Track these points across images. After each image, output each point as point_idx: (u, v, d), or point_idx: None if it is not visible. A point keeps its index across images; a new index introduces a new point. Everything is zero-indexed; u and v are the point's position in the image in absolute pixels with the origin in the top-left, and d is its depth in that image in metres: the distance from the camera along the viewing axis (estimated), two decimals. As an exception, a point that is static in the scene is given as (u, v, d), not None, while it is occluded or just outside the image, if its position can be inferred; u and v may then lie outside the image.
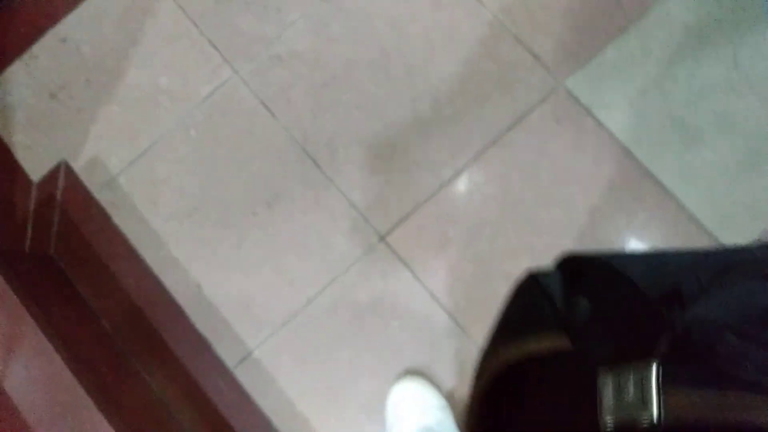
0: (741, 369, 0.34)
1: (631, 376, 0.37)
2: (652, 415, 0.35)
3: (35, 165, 1.34)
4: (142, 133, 1.34)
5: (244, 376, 1.26)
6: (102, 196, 1.33)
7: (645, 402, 0.35)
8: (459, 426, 1.14)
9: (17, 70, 1.37)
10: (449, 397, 1.18)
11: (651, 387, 0.35)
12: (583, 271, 0.58)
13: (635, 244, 1.20)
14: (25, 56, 1.37)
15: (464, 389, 1.20)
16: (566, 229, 1.22)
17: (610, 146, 1.23)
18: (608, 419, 0.37)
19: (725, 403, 0.33)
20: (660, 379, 0.35)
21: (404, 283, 1.24)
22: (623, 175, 1.22)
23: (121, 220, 1.32)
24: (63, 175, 1.33)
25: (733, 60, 1.24)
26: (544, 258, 1.21)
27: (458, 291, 1.23)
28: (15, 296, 1.02)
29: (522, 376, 0.50)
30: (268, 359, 1.25)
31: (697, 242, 1.18)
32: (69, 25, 1.39)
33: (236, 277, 1.29)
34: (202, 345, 1.27)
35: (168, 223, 1.31)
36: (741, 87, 1.23)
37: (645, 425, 0.35)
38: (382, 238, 1.25)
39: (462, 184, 1.25)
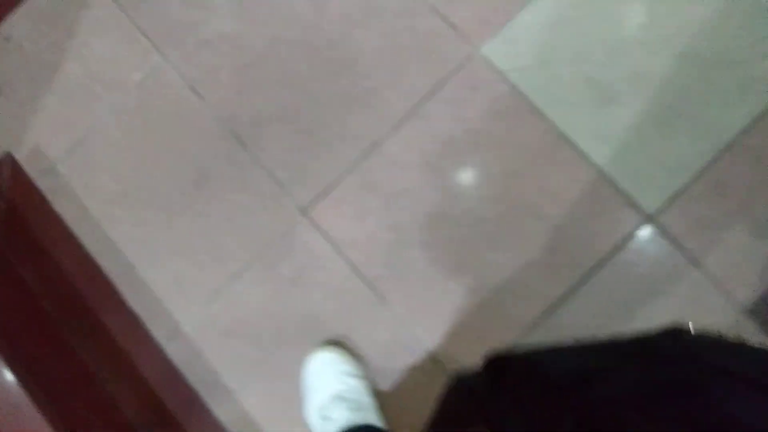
0: None
1: None
2: None
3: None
4: (78, 121, 1.39)
5: (173, 351, 1.29)
6: (42, 184, 1.38)
7: None
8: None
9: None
10: (367, 365, 1.19)
11: None
12: (504, 368, 0.63)
13: (549, 207, 1.19)
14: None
15: (380, 357, 1.21)
16: (483, 194, 1.22)
17: (526, 110, 1.24)
18: None
19: None
20: None
21: (325, 256, 1.26)
22: (538, 138, 1.22)
23: (60, 205, 1.37)
24: (7, 165, 1.39)
25: (647, 17, 1.22)
26: (461, 224, 1.22)
27: (377, 261, 1.24)
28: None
29: None
30: (196, 334, 1.29)
31: (611, 201, 1.21)
32: (11, 24, 1.45)
33: (167, 256, 1.32)
34: (134, 322, 1.31)
35: (104, 206, 1.36)
36: (655, 43, 1.21)
37: None
38: (304, 212, 1.28)
39: (381, 156, 1.27)
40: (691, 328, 0.51)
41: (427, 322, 1.20)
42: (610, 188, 1.19)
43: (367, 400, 1.16)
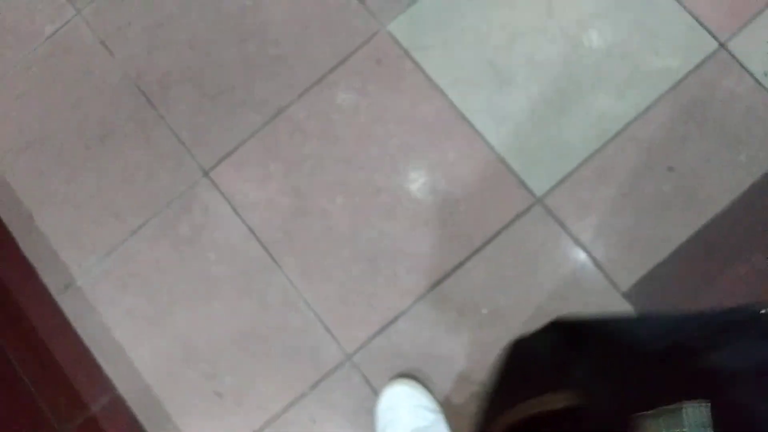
0: None
1: (671, 420, 0.36)
2: None
3: None
4: (-14, 69, 1.38)
5: (66, 304, 1.29)
6: (-56, 129, 1.36)
7: None
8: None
9: None
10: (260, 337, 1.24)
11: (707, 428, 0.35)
12: (574, 333, 0.58)
13: (443, 182, 1.23)
14: None
15: (269, 320, 1.26)
16: (380, 166, 1.25)
17: (426, 87, 1.27)
18: None
19: None
20: (708, 419, 0.35)
21: (224, 217, 1.28)
22: (436, 115, 1.26)
23: (-39, 152, 1.35)
24: None
25: (548, 6, 1.27)
26: (358, 194, 1.25)
27: (275, 225, 1.27)
28: None
29: None
30: (90, 288, 1.29)
31: (503, 180, 1.26)
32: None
33: (67, 209, 1.32)
34: (29, 272, 1.31)
35: (7, 155, 1.36)
36: (553, 32, 1.26)
37: None
38: (206, 173, 1.29)
39: (285, 122, 1.29)
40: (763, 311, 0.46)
41: (319, 288, 1.23)
42: (503, 168, 1.23)
43: None
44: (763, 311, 0.46)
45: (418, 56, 1.27)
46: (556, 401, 0.48)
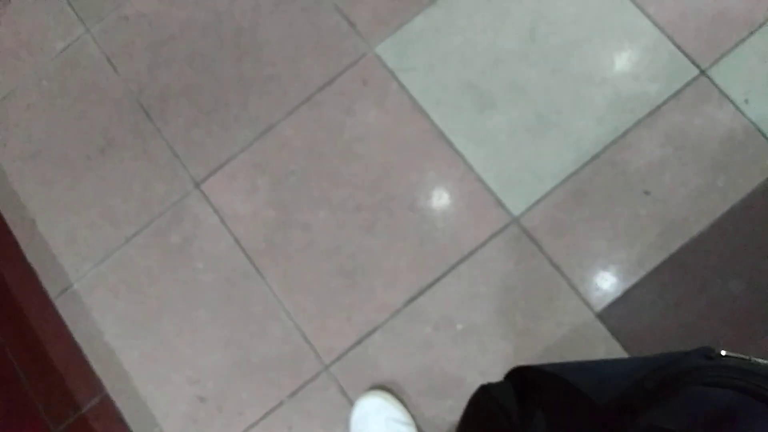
0: None
1: None
2: None
3: None
4: (0, 82, 1.47)
5: (63, 307, 1.37)
6: (-41, 138, 1.46)
7: None
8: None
9: None
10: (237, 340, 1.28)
11: None
12: (533, 383, 0.61)
13: (423, 200, 1.28)
14: None
15: (251, 327, 1.31)
16: (363, 183, 1.31)
17: (410, 108, 1.32)
18: None
19: None
20: None
21: (212, 227, 1.34)
22: (419, 136, 1.31)
23: (-27, 159, 1.44)
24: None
25: (530, 33, 1.31)
26: (339, 209, 1.31)
27: (259, 236, 1.32)
28: None
29: None
30: (86, 292, 1.36)
31: (480, 200, 1.30)
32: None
33: (67, 215, 1.40)
34: (29, 275, 1.38)
35: (14, 163, 1.44)
36: (535, 57, 1.30)
37: None
38: (197, 185, 1.36)
39: (274, 138, 1.35)
40: (722, 352, 0.48)
41: (299, 298, 1.28)
42: (481, 188, 1.27)
43: None
44: (713, 354, 0.48)
45: (403, 78, 1.32)
46: None
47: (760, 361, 0.45)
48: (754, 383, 0.42)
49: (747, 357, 0.46)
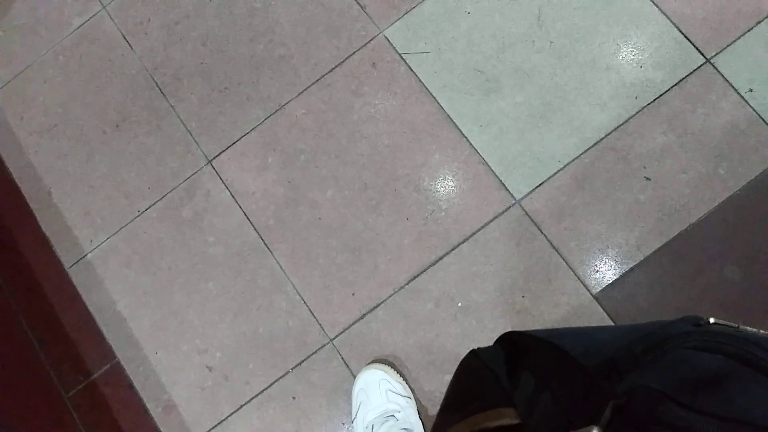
0: None
1: None
2: None
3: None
4: (18, 57, 1.52)
5: (76, 276, 1.41)
6: (-22, 110, 1.50)
7: None
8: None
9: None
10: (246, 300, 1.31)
11: None
12: (523, 347, 0.62)
13: (428, 181, 1.31)
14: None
15: (257, 300, 1.35)
16: (370, 163, 1.34)
17: (417, 91, 1.35)
18: None
19: None
20: None
21: (223, 203, 1.38)
22: (425, 118, 1.34)
23: (-8, 131, 1.49)
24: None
25: (538, 18, 1.34)
26: (347, 188, 1.35)
27: (268, 212, 1.36)
28: None
29: None
30: (99, 262, 1.41)
31: (484, 183, 1.32)
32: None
33: (82, 187, 1.44)
34: (44, 244, 1.43)
35: (30, 136, 1.48)
36: (541, 43, 1.33)
37: None
38: (209, 162, 1.39)
39: (284, 117, 1.39)
40: (711, 320, 0.49)
41: (306, 273, 1.32)
42: (485, 170, 1.30)
43: (414, 420, 1.18)
44: (702, 322, 0.49)
45: (411, 61, 1.35)
46: (498, 417, 0.52)
47: (748, 328, 0.46)
48: (744, 348, 0.43)
49: (735, 325, 0.47)
